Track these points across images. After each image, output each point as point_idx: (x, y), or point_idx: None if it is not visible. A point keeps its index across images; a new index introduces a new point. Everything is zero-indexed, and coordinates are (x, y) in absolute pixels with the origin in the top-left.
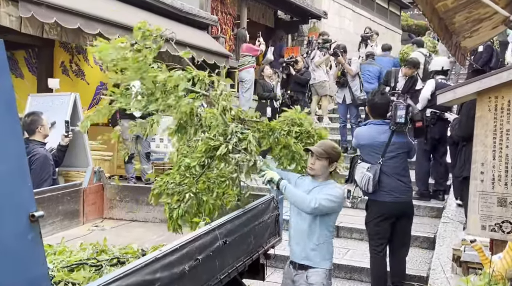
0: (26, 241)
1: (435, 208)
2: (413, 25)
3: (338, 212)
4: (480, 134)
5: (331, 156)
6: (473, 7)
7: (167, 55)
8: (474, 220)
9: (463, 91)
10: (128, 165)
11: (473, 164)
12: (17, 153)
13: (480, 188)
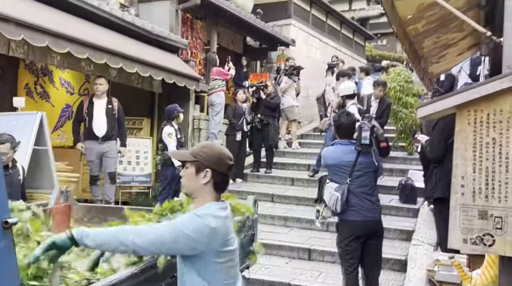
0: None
1: (405, 231)
2: (377, 56)
3: (208, 253)
4: (460, 148)
5: (198, 158)
6: (442, 32)
7: (136, 76)
8: (456, 234)
9: (442, 105)
10: (93, 187)
11: (454, 177)
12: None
13: (460, 201)
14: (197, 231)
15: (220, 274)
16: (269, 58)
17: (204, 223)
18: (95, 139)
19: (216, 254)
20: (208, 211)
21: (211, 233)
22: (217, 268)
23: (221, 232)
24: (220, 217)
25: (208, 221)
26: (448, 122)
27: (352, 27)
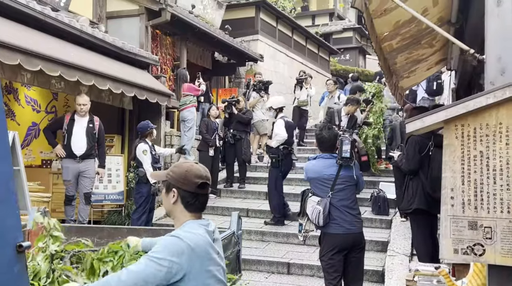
0: (12, 274)
1: (380, 242)
2: (341, 70)
3: (191, 273)
4: (449, 161)
5: (168, 178)
6: (414, 48)
7: (107, 93)
8: (447, 244)
9: (431, 120)
10: (68, 207)
11: (443, 189)
12: (5, 178)
13: (450, 213)
14: (173, 253)
15: None
16: (237, 73)
17: (179, 243)
18: (73, 158)
19: (200, 274)
20: (183, 229)
21: (188, 252)
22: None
23: (200, 250)
24: (196, 234)
25: (183, 240)
26: (420, 137)
27: (317, 42)
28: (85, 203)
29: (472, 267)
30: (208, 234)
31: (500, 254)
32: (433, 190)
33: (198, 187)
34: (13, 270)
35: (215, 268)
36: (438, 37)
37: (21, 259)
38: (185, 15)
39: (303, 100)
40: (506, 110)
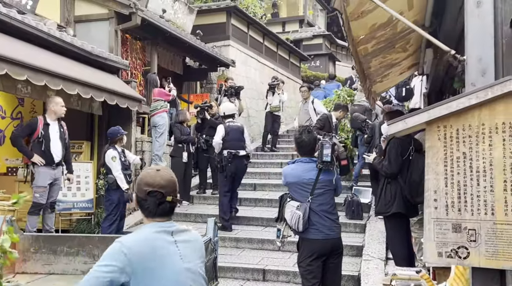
0: None
1: (355, 246)
2: (311, 76)
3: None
4: (432, 162)
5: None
6: (388, 52)
7: (76, 98)
8: (431, 247)
9: (413, 121)
10: (33, 217)
11: (426, 191)
12: None
13: (434, 215)
14: (111, 257)
15: None
16: (209, 79)
17: (115, 246)
18: (51, 164)
19: (147, 273)
20: (132, 234)
21: (125, 252)
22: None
23: (140, 249)
24: (139, 234)
25: (120, 242)
26: (401, 141)
27: (288, 48)
28: (50, 211)
29: (453, 270)
30: (166, 234)
31: (484, 256)
32: (411, 194)
33: (147, 194)
34: None
35: (168, 268)
36: (412, 42)
37: None
38: (155, 19)
39: (275, 106)
40: (488, 111)
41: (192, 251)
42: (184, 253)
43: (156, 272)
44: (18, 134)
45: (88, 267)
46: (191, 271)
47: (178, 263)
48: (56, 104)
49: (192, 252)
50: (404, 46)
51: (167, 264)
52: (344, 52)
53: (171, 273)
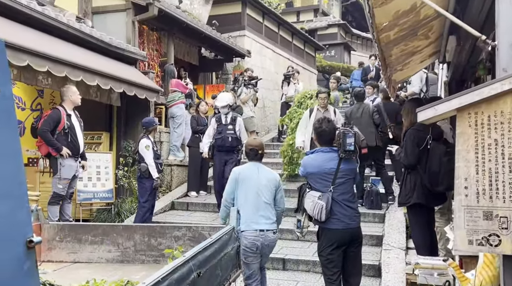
0: (21, 271)
1: (375, 236)
2: (327, 66)
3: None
4: (462, 150)
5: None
6: (410, 40)
7: (95, 89)
8: (461, 235)
9: (444, 108)
10: (54, 207)
11: (456, 179)
12: (16, 171)
13: (464, 203)
14: (230, 179)
15: None
16: (224, 69)
17: (233, 172)
18: (76, 155)
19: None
20: (241, 166)
21: (237, 174)
22: None
23: (242, 173)
24: (245, 166)
25: (235, 171)
26: (417, 131)
27: (303, 38)
28: (69, 201)
29: (482, 258)
30: (255, 166)
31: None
32: (431, 184)
33: (250, 150)
34: (23, 267)
35: (252, 181)
36: (434, 29)
37: (31, 256)
38: (172, 10)
39: (290, 96)
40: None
41: (266, 178)
42: (260, 177)
43: (245, 181)
44: (46, 129)
45: (112, 255)
46: (262, 186)
47: (256, 180)
48: (74, 93)
49: (265, 178)
50: (426, 33)
51: (252, 179)
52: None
53: (252, 184)
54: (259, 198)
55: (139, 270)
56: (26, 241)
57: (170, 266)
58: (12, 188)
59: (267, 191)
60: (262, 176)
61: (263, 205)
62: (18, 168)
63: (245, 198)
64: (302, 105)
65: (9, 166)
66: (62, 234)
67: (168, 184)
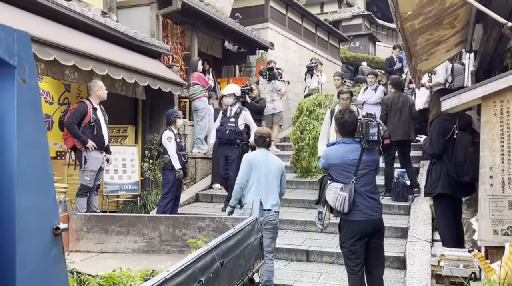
0: (48, 258)
1: (400, 228)
2: (351, 57)
3: None
4: (487, 139)
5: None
6: (435, 29)
7: (120, 83)
8: (486, 225)
9: (468, 97)
10: (82, 199)
11: (481, 168)
12: (43, 159)
13: (489, 192)
14: (243, 163)
15: None
16: (248, 62)
17: (244, 158)
18: (101, 148)
19: (253, 169)
20: (251, 153)
21: (249, 160)
22: None
23: (253, 159)
24: (253, 154)
25: (246, 157)
26: (444, 120)
27: (327, 29)
28: (96, 193)
29: (508, 248)
30: (264, 153)
31: None
32: (456, 174)
33: (259, 137)
34: (50, 253)
35: (262, 166)
36: (460, 18)
37: (57, 243)
38: (195, 3)
39: (314, 88)
40: None
41: (274, 164)
42: (269, 162)
43: (257, 166)
44: (73, 122)
45: (138, 246)
46: (270, 171)
47: (266, 166)
48: (100, 88)
49: (273, 165)
50: (452, 22)
51: (262, 164)
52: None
53: (263, 169)
54: (267, 181)
55: (165, 260)
56: (52, 228)
57: (194, 255)
58: (39, 177)
59: (274, 176)
60: (271, 162)
61: (271, 188)
62: (44, 157)
63: (257, 181)
64: (312, 114)
65: (35, 156)
66: (89, 225)
67: (192, 176)
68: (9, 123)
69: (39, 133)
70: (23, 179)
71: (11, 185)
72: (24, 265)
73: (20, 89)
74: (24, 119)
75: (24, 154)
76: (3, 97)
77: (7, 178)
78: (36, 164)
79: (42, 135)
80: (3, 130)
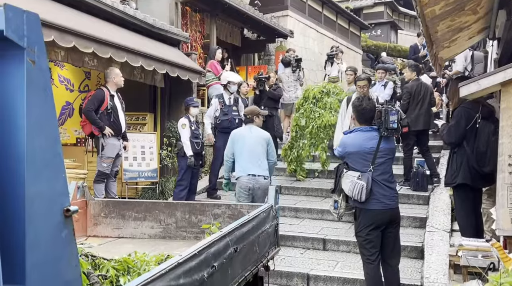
0: (59, 239)
1: (418, 218)
2: (372, 46)
3: None
4: (506, 125)
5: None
6: (456, 15)
7: (139, 71)
8: (504, 214)
9: (488, 83)
10: (100, 185)
11: (500, 156)
12: (52, 141)
13: (508, 181)
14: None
15: None
16: (267, 50)
17: (230, 135)
18: (118, 134)
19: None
20: (238, 129)
21: (232, 136)
22: None
23: (236, 135)
24: (237, 130)
25: (231, 133)
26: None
27: (348, 17)
28: (114, 179)
29: None
30: (249, 129)
31: None
32: (478, 164)
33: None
34: (60, 235)
35: (246, 141)
36: (482, 3)
37: (68, 224)
38: None
39: (334, 76)
40: None
41: (257, 135)
42: (252, 135)
43: (240, 139)
44: (90, 109)
45: (155, 232)
46: (254, 141)
47: (249, 137)
48: (117, 75)
49: (257, 135)
50: (474, 8)
51: (245, 137)
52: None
53: (246, 140)
54: (251, 151)
55: (180, 246)
56: (63, 210)
57: (207, 240)
58: (49, 159)
59: (258, 145)
60: (254, 134)
61: (255, 156)
62: (54, 139)
63: (240, 152)
64: (319, 102)
65: (45, 137)
66: (107, 210)
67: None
68: (18, 104)
69: (48, 115)
70: (32, 161)
71: (21, 166)
72: (34, 247)
73: (30, 70)
74: (33, 101)
75: (33, 136)
76: (12, 78)
77: (16, 160)
78: (46, 146)
79: (51, 117)
80: (12, 111)
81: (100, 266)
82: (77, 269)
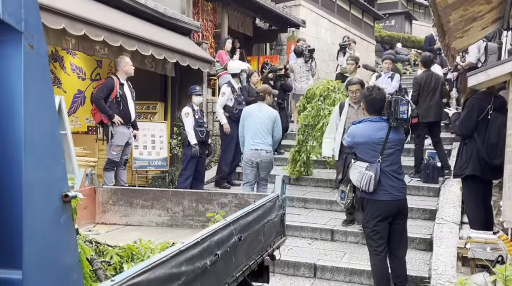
0: (58, 224)
1: (428, 210)
2: (386, 36)
3: None
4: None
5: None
6: (469, 4)
7: (149, 59)
8: (510, 206)
9: (496, 72)
10: (109, 173)
11: (507, 147)
12: (51, 128)
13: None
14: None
15: None
16: (279, 40)
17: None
18: (128, 123)
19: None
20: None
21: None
22: None
23: (246, 113)
24: (246, 108)
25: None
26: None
27: (361, 7)
28: (123, 167)
29: None
30: (258, 108)
31: None
32: (489, 156)
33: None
34: (59, 220)
35: (253, 118)
36: None
37: (67, 209)
38: None
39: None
40: None
41: (266, 112)
42: (261, 112)
43: (249, 117)
44: (100, 97)
45: (162, 220)
46: (261, 118)
47: (258, 114)
48: (127, 64)
49: (265, 113)
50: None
51: (254, 114)
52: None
53: (254, 117)
54: (257, 128)
55: (187, 234)
56: (62, 195)
57: (210, 228)
58: (47, 144)
59: (264, 123)
60: (263, 111)
61: (260, 132)
62: (53, 124)
63: (248, 128)
64: (326, 100)
65: (43, 123)
66: (115, 198)
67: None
68: (16, 90)
69: (47, 101)
70: (30, 146)
71: (18, 152)
72: (31, 231)
73: (27, 55)
74: (31, 86)
75: (31, 121)
76: (10, 63)
77: (14, 145)
78: (44, 131)
79: (50, 102)
80: (10, 97)
81: (104, 252)
82: (75, 254)
